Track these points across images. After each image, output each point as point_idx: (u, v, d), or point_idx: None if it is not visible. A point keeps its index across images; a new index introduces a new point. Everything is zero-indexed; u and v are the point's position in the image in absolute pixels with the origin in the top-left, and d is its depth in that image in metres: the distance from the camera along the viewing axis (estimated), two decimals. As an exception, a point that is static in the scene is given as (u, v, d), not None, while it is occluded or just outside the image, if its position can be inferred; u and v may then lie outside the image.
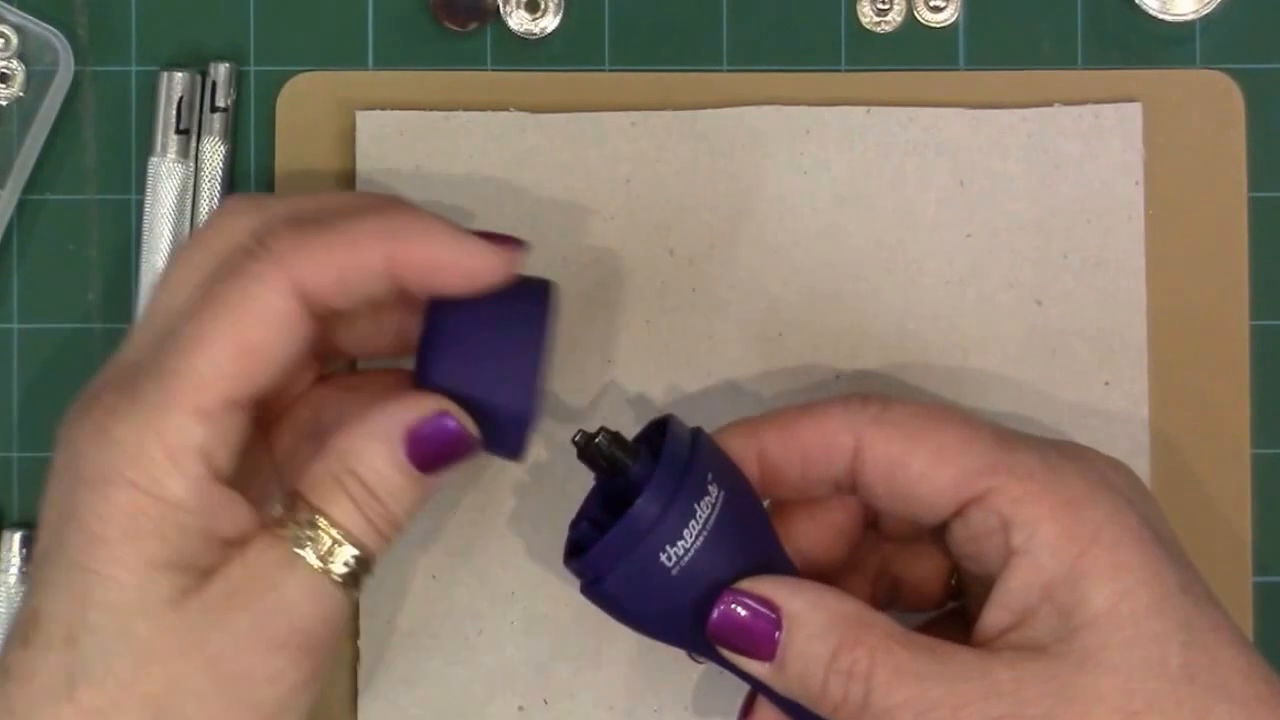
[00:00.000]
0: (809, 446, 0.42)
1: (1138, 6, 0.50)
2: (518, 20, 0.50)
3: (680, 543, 0.40)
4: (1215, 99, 0.50)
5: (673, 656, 0.47)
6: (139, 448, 0.38)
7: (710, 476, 0.41)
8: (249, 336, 0.39)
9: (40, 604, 0.38)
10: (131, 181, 0.50)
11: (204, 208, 0.50)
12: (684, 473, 0.40)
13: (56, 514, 0.39)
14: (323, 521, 0.39)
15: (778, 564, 0.42)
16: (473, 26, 0.50)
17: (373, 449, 0.40)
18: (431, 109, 0.49)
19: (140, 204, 0.50)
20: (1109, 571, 0.39)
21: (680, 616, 0.41)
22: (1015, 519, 0.40)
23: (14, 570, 0.49)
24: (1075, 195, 0.49)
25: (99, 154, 0.50)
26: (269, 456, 0.44)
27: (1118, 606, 0.39)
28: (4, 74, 0.50)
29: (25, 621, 0.39)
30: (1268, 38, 0.50)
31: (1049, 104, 0.49)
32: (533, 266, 0.48)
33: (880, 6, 0.50)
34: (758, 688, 0.42)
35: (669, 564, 0.40)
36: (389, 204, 0.42)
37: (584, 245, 0.49)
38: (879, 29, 0.50)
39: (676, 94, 0.49)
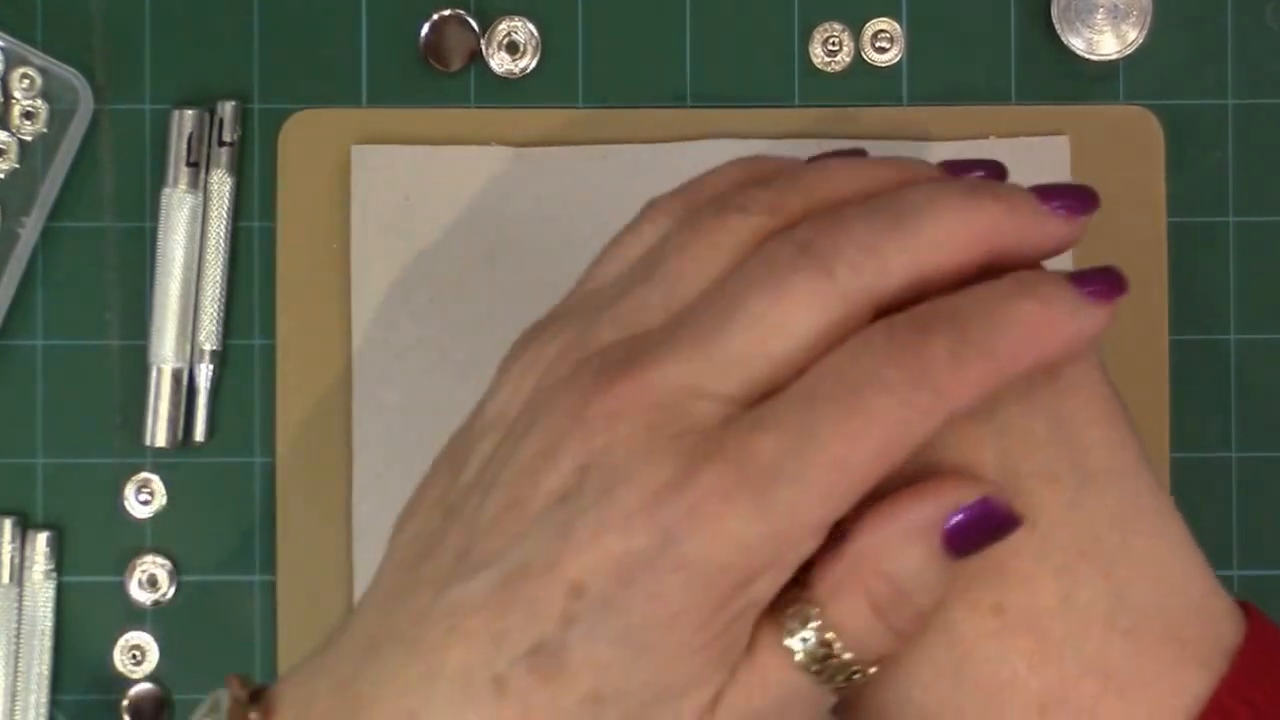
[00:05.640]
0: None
1: (1066, 47, 0.52)
2: (499, 62, 0.52)
3: None
4: (1136, 132, 0.52)
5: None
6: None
7: None
8: None
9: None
10: (146, 210, 0.52)
11: (213, 234, 0.51)
12: None
13: (615, 582, 0.33)
14: (837, 640, 0.34)
15: None
16: (458, 67, 0.52)
17: (909, 550, 0.34)
18: (420, 143, 0.51)
19: (154, 231, 0.51)
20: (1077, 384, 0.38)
21: None
22: None
23: (39, 568, 0.51)
24: (1008, 221, 0.52)
25: (116, 185, 0.52)
26: None
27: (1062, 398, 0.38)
28: (29, 112, 0.51)
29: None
30: (1184, 76, 0.52)
31: (984, 137, 0.51)
32: (511, 286, 0.51)
33: (830, 48, 0.52)
34: None
35: None
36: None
37: (558, 266, 0.49)
38: (829, 68, 0.52)
39: (644, 129, 0.51)
